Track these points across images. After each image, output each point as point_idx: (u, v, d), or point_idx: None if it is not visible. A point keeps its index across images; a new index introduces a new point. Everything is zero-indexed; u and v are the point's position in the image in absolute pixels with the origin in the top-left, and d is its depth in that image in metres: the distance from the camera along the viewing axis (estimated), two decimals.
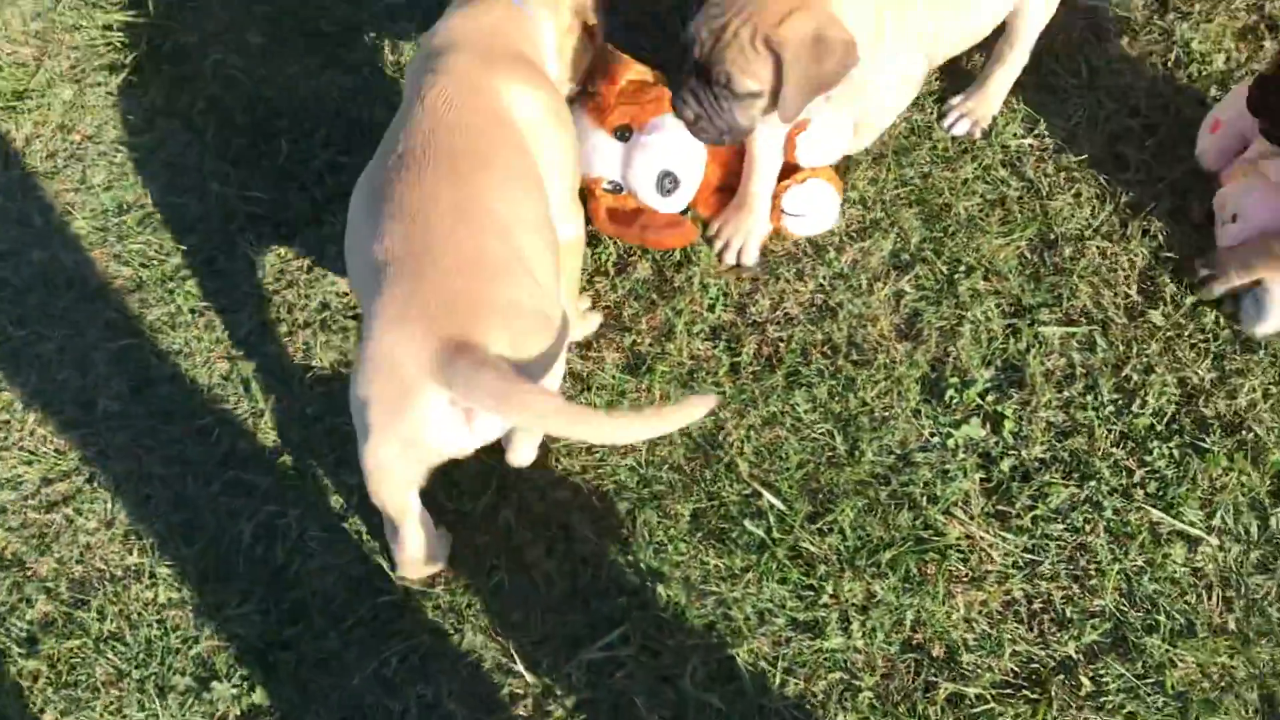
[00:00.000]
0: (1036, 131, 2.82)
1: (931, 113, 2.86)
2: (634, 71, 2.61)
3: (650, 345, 2.58)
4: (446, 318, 1.85)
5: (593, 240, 2.68)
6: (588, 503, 2.41)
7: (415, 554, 2.20)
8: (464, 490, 2.42)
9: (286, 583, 2.36)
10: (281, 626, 2.31)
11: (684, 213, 2.67)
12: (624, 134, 2.56)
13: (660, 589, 2.32)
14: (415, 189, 1.97)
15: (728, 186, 2.68)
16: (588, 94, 2.58)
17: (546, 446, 2.45)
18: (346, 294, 2.64)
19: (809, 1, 2.09)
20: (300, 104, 2.93)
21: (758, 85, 2.15)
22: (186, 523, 2.42)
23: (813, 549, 2.35)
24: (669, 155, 2.56)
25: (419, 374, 1.83)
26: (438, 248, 1.91)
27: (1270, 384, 2.49)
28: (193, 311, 2.66)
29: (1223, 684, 2.22)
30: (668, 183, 2.56)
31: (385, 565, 2.35)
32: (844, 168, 2.75)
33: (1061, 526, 2.36)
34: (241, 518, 2.42)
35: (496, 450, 2.46)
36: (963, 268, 2.65)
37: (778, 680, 2.23)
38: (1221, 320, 2.56)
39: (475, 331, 1.85)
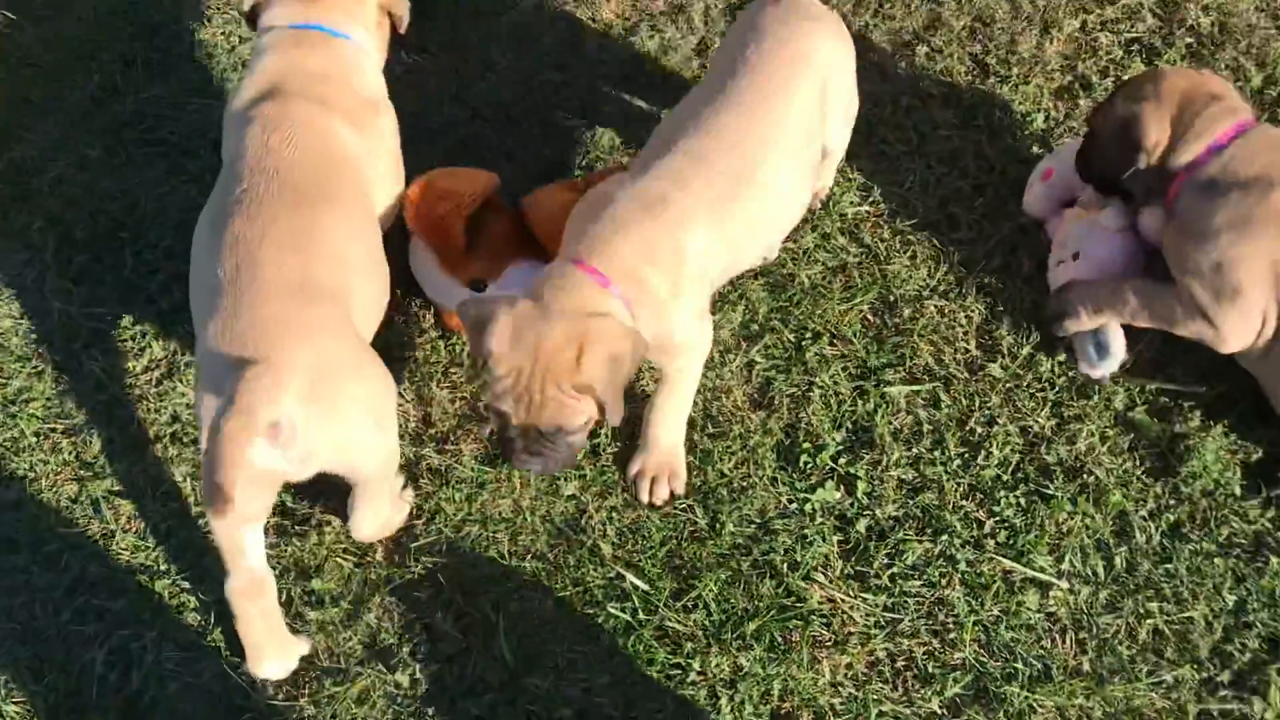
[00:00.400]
0: (871, 199, 2.92)
1: None
2: (467, 203, 2.54)
3: None
4: (256, 339, 2.02)
5: (445, 332, 2.70)
6: (451, 599, 2.40)
7: (242, 584, 2.20)
8: (324, 597, 2.39)
9: (143, 709, 2.29)
10: None
11: None
12: (479, 286, 2.57)
13: (528, 681, 2.30)
14: (255, 220, 2.16)
15: None
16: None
17: (405, 545, 2.44)
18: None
19: (588, 329, 2.12)
20: (143, 216, 2.90)
21: (586, 417, 2.21)
22: (35, 655, 2.34)
23: (679, 627, 2.36)
24: None
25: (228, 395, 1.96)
26: (264, 273, 2.09)
27: (1106, 427, 2.59)
28: (37, 435, 2.60)
29: None
30: None
31: (247, 683, 2.29)
32: None
33: (919, 582, 2.42)
34: (94, 645, 2.36)
35: (354, 552, 2.44)
36: (809, 334, 2.72)
37: None
38: (1057, 368, 2.66)
39: (277, 352, 2.00)
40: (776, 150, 2.40)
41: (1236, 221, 2.35)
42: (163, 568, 2.44)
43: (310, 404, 2.02)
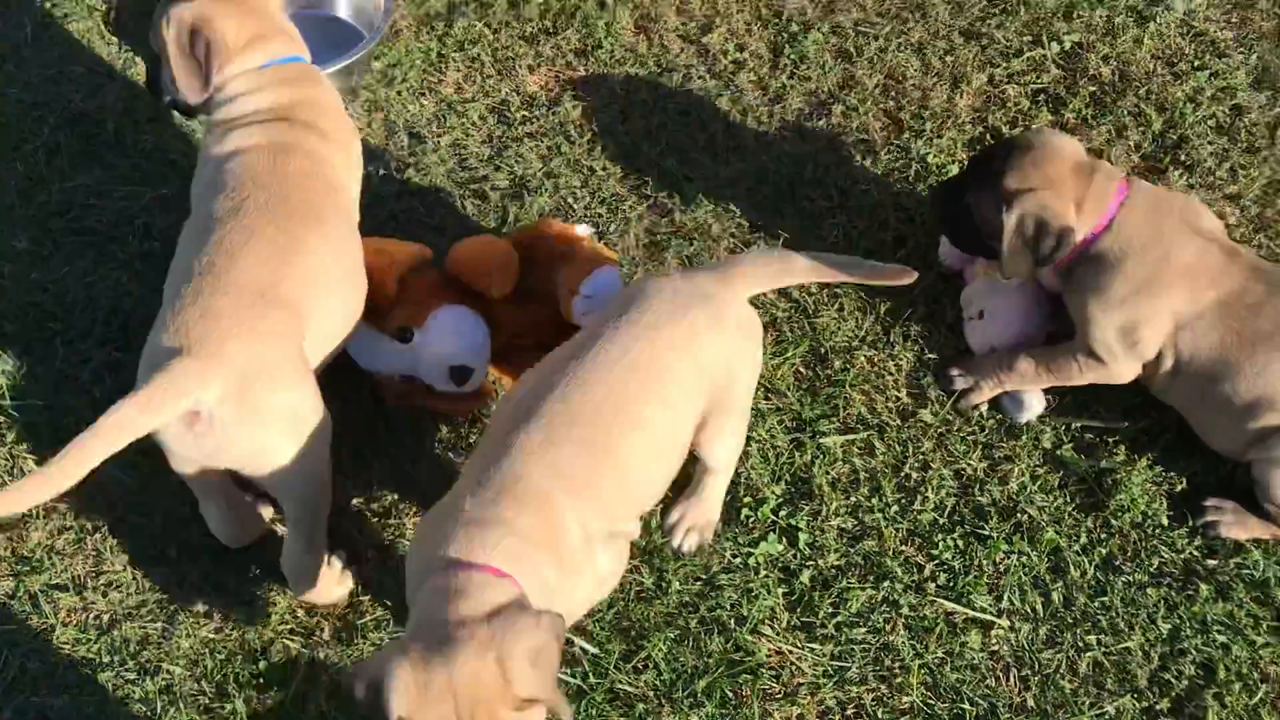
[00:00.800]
0: None
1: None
2: (400, 267, 2.58)
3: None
4: (200, 328, 2.11)
5: (384, 412, 2.72)
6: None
7: (221, 530, 2.44)
8: (270, 681, 2.37)
9: None
10: None
11: None
12: (406, 335, 2.59)
13: None
14: (243, 226, 2.25)
15: (516, 346, 2.73)
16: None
17: (352, 622, 2.43)
18: (135, 493, 2.59)
19: (497, 639, 1.78)
20: (73, 305, 2.89)
21: None
22: None
23: (630, 689, 2.37)
24: (455, 350, 2.58)
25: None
26: (233, 272, 2.18)
27: (1036, 466, 2.67)
28: None
29: None
30: (459, 374, 2.58)
31: None
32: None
33: (864, 629, 2.45)
34: None
35: (300, 632, 2.43)
36: None
37: None
38: (985, 411, 2.74)
39: (215, 345, 2.10)
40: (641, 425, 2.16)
41: (1140, 287, 2.48)
42: (105, 660, 2.40)
43: (233, 403, 2.10)
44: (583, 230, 2.83)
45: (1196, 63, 3.36)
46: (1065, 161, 2.54)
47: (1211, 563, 2.53)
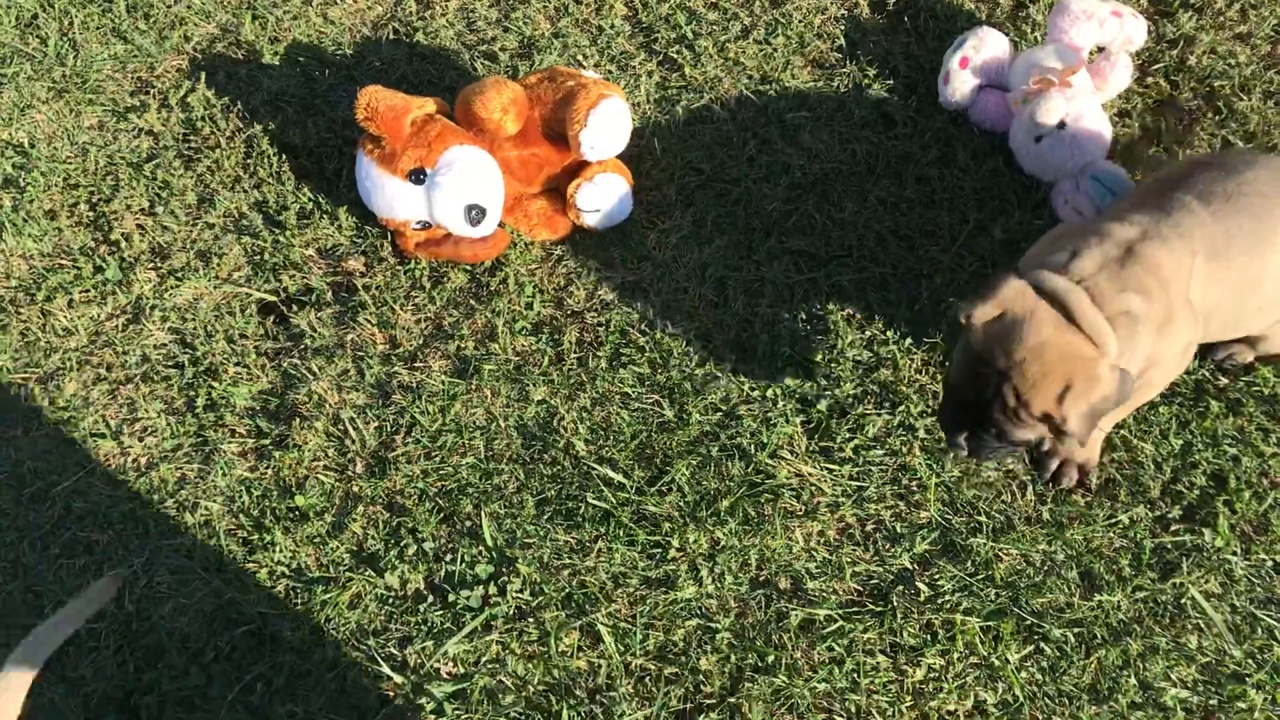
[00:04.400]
0: (808, 106, 3.01)
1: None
2: (415, 109, 2.64)
3: (475, 348, 2.66)
4: None
5: (404, 258, 2.76)
6: (434, 504, 2.46)
7: None
8: (308, 512, 2.44)
9: (139, 632, 2.33)
10: (140, 672, 2.29)
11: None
12: (419, 176, 2.62)
13: (517, 569, 2.37)
14: None
15: (526, 194, 2.78)
16: (374, 142, 2.64)
17: (384, 457, 2.50)
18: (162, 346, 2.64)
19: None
20: None
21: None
22: (27, 589, 2.38)
23: (655, 510, 2.44)
24: (468, 188, 2.61)
25: None
26: None
27: None
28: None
29: (1045, 568, 2.38)
30: (474, 214, 2.63)
31: (241, 595, 2.35)
32: (632, 156, 2.89)
33: (881, 452, 2.51)
34: (85, 576, 2.39)
35: (334, 468, 2.49)
36: (757, 234, 2.81)
37: (639, 636, 2.31)
38: (998, 243, 2.77)
39: None
40: None
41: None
42: (145, 497, 2.48)
43: None
44: (589, 74, 2.85)
45: None
46: (1064, 355, 2.07)
47: (1223, 381, 2.57)
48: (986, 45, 2.93)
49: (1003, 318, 2.10)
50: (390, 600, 2.36)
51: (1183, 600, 2.33)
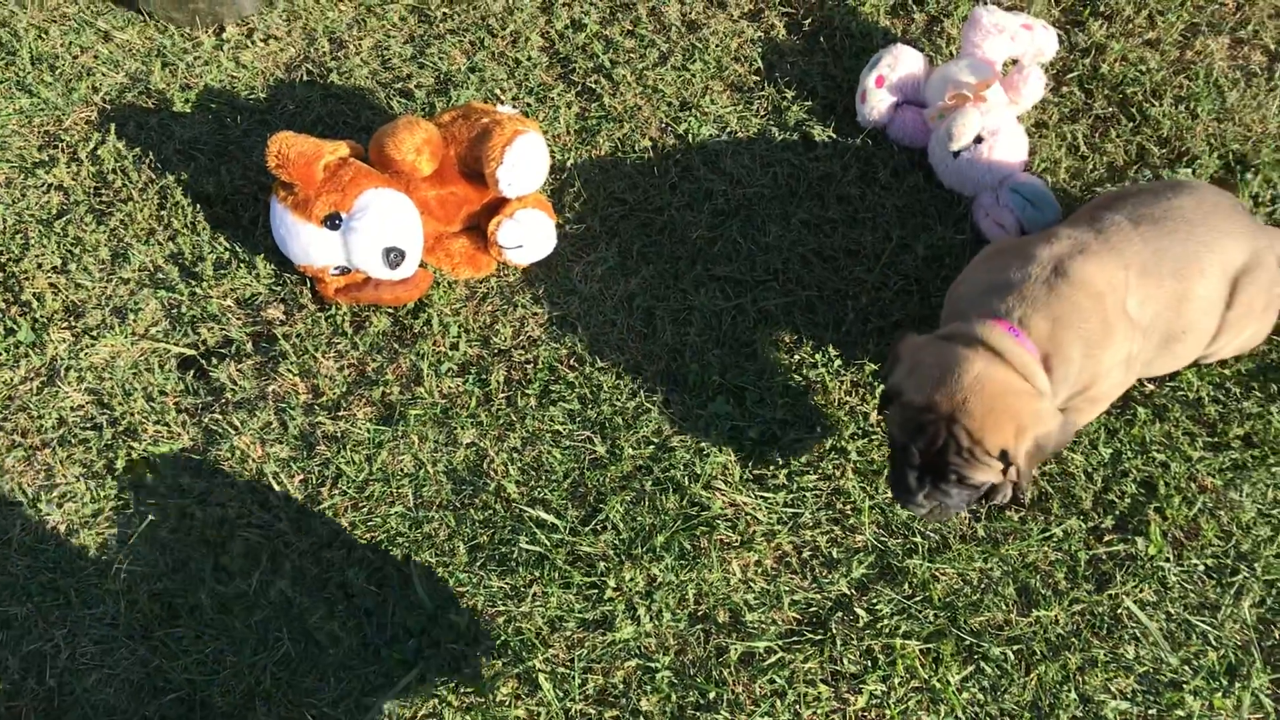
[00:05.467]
0: (728, 129, 3.01)
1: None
2: (327, 153, 2.60)
3: (400, 393, 2.62)
4: None
5: (325, 304, 2.71)
6: (363, 556, 2.42)
7: None
8: (234, 571, 2.39)
9: (61, 707, 2.26)
10: None
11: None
12: (334, 222, 2.58)
13: (450, 621, 2.33)
14: None
15: (446, 234, 2.75)
16: (287, 189, 2.60)
17: (309, 510, 2.45)
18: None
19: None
20: None
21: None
22: None
23: (590, 550, 2.41)
24: (385, 231, 2.57)
25: None
26: None
27: None
28: None
29: (982, 586, 2.38)
30: (393, 256, 2.59)
31: (168, 662, 2.28)
32: (554, 189, 2.87)
33: (815, 477, 2.50)
34: (4, 653, 2.32)
35: (258, 525, 2.44)
36: (683, 262, 2.79)
37: (578, 680, 2.28)
38: (921, 260, 2.77)
39: None
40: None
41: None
42: (66, 567, 2.41)
43: None
44: (505, 109, 2.82)
45: None
46: (1002, 389, 2.12)
47: (1149, 387, 2.59)
48: (902, 63, 2.94)
49: (932, 368, 2.11)
50: (322, 657, 2.31)
51: (1119, 610, 2.33)
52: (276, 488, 2.49)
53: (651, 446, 2.55)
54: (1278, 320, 2.51)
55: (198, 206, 2.91)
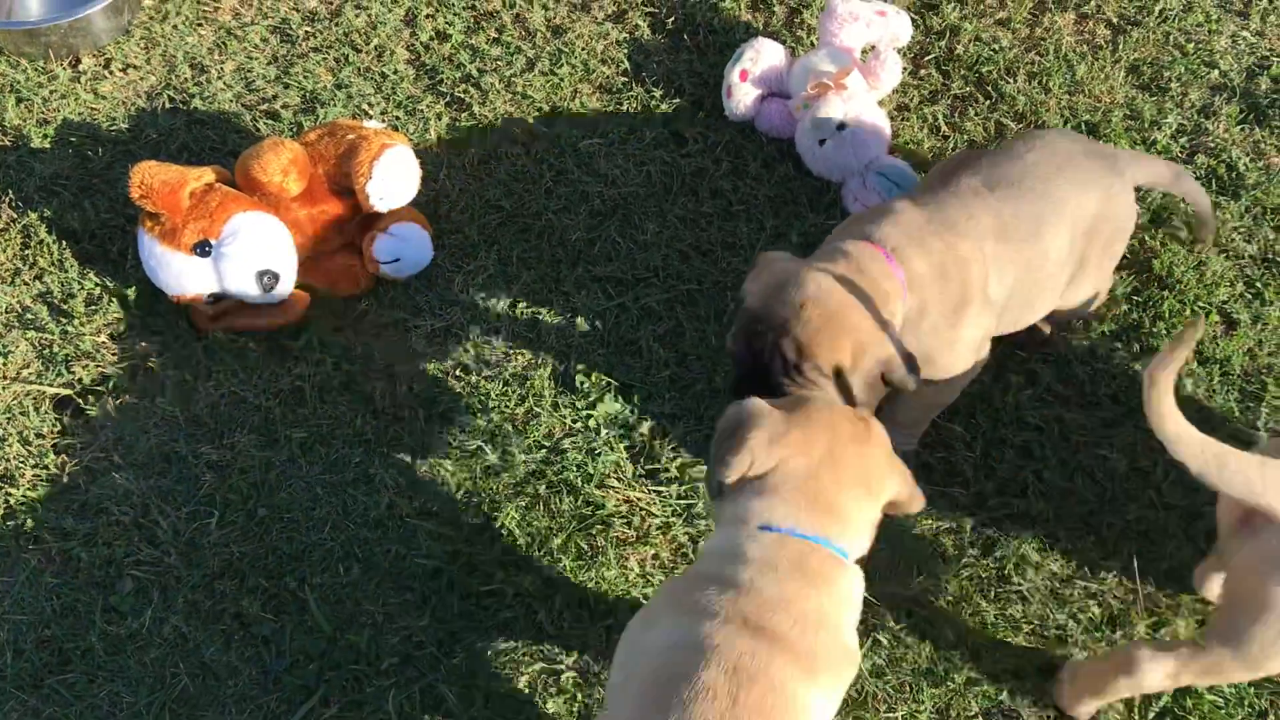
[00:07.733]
0: (600, 130, 3.03)
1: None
2: (192, 180, 2.57)
3: (283, 416, 2.59)
4: None
5: (201, 334, 2.67)
6: (256, 585, 2.38)
7: None
8: (124, 611, 2.34)
9: None
10: None
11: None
12: (204, 249, 2.54)
13: (348, 640, 2.31)
14: None
15: (320, 253, 2.72)
16: (154, 219, 2.56)
17: (199, 543, 2.41)
18: None
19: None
20: None
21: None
22: None
23: (486, 558, 2.41)
24: (257, 255, 2.55)
25: None
26: None
27: None
28: None
29: (878, 558, 2.43)
30: (267, 280, 2.56)
31: (61, 711, 2.23)
32: (428, 201, 2.86)
33: (706, 467, 2.53)
34: None
35: (147, 561, 2.40)
36: (564, 265, 2.80)
37: (483, 691, 2.27)
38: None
39: None
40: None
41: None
42: None
43: None
44: (371, 124, 2.81)
45: None
46: (848, 302, 2.04)
47: (1020, 354, 2.66)
48: (764, 56, 2.99)
49: (778, 274, 2.04)
50: (221, 690, 2.27)
51: (1005, 572, 2.40)
52: (163, 522, 2.45)
53: (543, 451, 2.56)
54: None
55: (64, 243, 2.84)
